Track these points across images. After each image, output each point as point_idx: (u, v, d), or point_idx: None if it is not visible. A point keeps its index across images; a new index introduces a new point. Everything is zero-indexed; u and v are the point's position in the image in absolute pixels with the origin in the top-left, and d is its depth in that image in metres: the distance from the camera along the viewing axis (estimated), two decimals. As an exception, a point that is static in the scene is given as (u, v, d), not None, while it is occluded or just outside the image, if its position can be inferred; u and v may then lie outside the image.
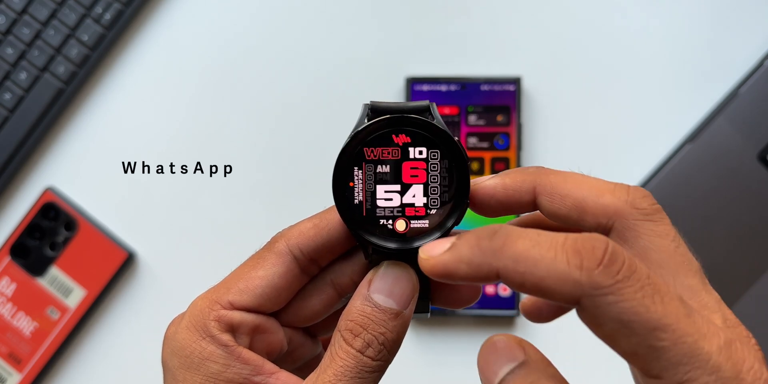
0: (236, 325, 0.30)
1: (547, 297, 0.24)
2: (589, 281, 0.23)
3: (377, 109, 0.30)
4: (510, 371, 0.25)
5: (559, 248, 0.24)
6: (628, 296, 0.23)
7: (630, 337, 0.23)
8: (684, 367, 0.23)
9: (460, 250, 0.25)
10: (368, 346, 0.28)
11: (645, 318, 0.23)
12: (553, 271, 0.23)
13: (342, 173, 0.29)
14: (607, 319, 0.23)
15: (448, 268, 0.25)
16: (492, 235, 0.25)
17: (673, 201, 0.61)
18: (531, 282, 0.24)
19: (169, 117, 0.66)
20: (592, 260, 0.23)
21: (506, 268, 0.24)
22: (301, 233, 0.31)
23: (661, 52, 0.64)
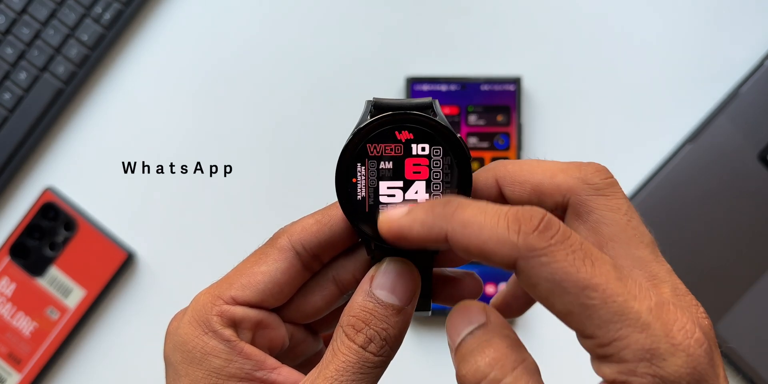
0: (238, 320, 0.30)
1: (488, 260, 0.25)
2: (524, 244, 0.25)
3: (380, 106, 0.30)
4: (470, 332, 0.27)
5: (502, 216, 0.25)
6: (560, 258, 0.25)
7: (563, 296, 0.24)
8: (615, 324, 0.24)
9: (416, 213, 0.27)
10: (370, 341, 0.28)
11: (575, 278, 0.24)
12: (494, 235, 0.25)
13: (345, 169, 0.29)
14: (541, 279, 0.25)
15: (403, 229, 0.27)
16: (445, 203, 0.26)
17: (673, 201, 0.61)
18: (475, 245, 0.25)
19: (169, 117, 0.66)
20: (529, 226, 0.25)
21: (454, 231, 0.26)
22: (304, 229, 0.31)
23: (662, 52, 0.64)
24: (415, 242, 0.27)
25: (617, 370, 0.24)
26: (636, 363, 0.24)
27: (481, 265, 0.64)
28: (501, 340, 0.27)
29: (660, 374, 0.24)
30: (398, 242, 0.27)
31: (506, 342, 0.27)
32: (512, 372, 0.26)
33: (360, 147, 0.29)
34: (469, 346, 0.27)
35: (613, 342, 0.24)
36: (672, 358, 0.24)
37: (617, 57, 0.64)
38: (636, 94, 0.64)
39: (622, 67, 0.64)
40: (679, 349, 0.24)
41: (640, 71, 0.64)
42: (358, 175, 0.30)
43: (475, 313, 0.27)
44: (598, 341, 0.25)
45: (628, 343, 0.24)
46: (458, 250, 0.26)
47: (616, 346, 0.24)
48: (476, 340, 0.27)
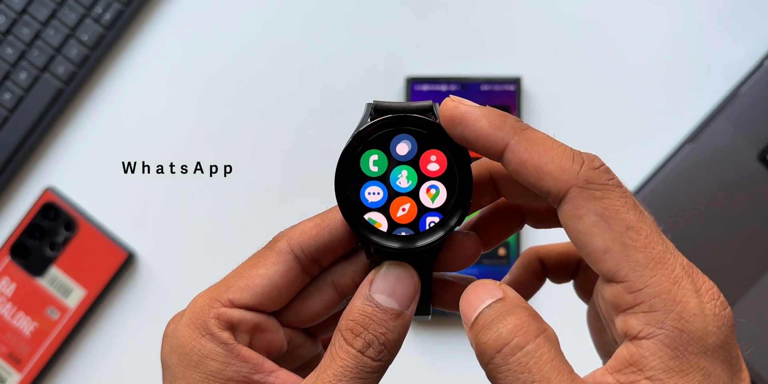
0: (236, 323, 0.30)
1: (540, 180, 0.26)
2: (585, 175, 0.26)
3: (380, 109, 0.29)
4: (488, 305, 0.27)
5: (568, 149, 0.27)
6: (613, 196, 0.26)
7: (606, 231, 0.25)
8: (650, 270, 0.25)
9: (490, 111, 0.27)
10: (369, 346, 0.28)
11: (623, 217, 0.25)
12: (558, 160, 0.26)
13: (344, 172, 0.29)
14: (589, 211, 0.25)
15: (470, 115, 0.27)
16: (519, 120, 0.27)
17: (673, 201, 0.61)
18: (534, 162, 0.26)
19: (169, 117, 0.66)
20: (592, 164, 0.26)
21: (519, 143, 0.27)
22: (303, 232, 0.30)
23: (662, 52, 0.64)
24: (470, 136, 0.27)
25: (645, 320, 0.25)
26: (665, 314, 0.24)
27: (480, 267, 0.64)
28: (521, 310, 0.27)
29: (688, 329, 0.24)
30: (453, 127, 0.27)
31: (527, 312, 0.27)
32: (535, 339, 0.26)
33: (359, 150, 0.29)
34: (488, 316, 0.27)
35: (645, 288, 0.25)
36: (701, 315, 0.24)
37: (617, 57, 0.64)
38: (636, 94, 0.64)
39: (621, 67, 0.64)
40: (707, 308, 0.25)
41: (640, 71, 0.64)
42: None
43: (492, 289, 0.28)
44: (630, 285, 0.25)
45: (660, 291, 0.24)
46: (512, 163, 0.26)
47: (648, 293, 0.25)
48: (495, 311, 0.27)
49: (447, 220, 0.29)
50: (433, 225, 0.29)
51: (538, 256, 0.36)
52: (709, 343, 0.24)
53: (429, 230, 0.29)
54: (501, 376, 0.26)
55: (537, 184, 0.26)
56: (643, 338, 0.25)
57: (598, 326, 0.35)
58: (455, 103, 0.28)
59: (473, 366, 0.26)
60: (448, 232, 0.29)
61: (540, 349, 0.25)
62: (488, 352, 0.26)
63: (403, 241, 0.29)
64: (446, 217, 0.29)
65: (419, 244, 0.29)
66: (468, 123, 0.27)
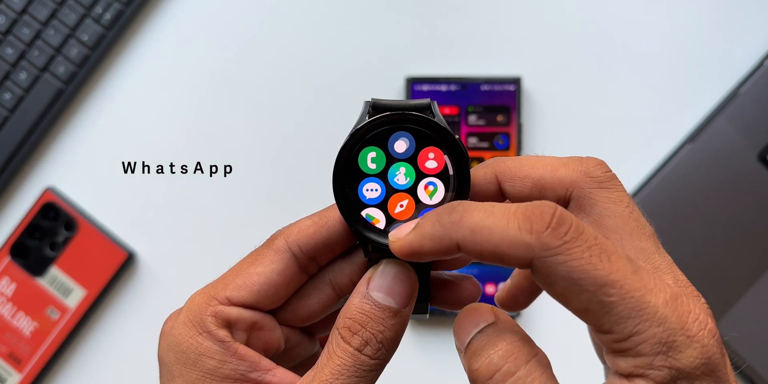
0: (233, 321, 0.30)
1: (503, 262, 0.25)
2: (538, 243, 0.24)
3: (378, 107, 0.30)
4: (480, 330, 0.27)
5: (511, 216, 0.25)
6: (576, 255, 0.24)
7: (580, 294, 0.24)
8: (633, 320, 0.24)
9: (423, 228, 0.26)
10: (366, 344, 0.28)
11: (593, 275, 0.24)
12: (506, 237, 0.25)
13: (342, 171, 0.29)
14: (557, 278, 0.25)
15: (413, 246, 0.27)
16: (451, 211, 0.26)
17: (673, 201, 0.61)
18: (487, 250, 0.25)
19: (169, 117, 0.66)
20: (540, 224, 0.25)
21: (465, 239, 0.25)
22: (301, 230, 0.30)
23: (661, 52, 0.64)
24: (430, 256, 0.27)
25: (634, 363, 0.25)
26: (653, 356, 0.24)
27: (480, 266, 0.64)
28: (512, 335, 0.27)
29: (676, 366, 0.24)
30: (414, 259, 0.27)
31: (517, 336, 0.27)
32: (526, 365, 0.26)
33: (357, 147, 0.29)
34: (480, 342, 0.27)
35: (631, 337, 0.24)
36: (688, 350, 0.24)
37: (617, 57, 0.64)
38: (636, 94, 0.64)
39: (621, 67, 0.64)
40: (694, 341, 0.25)
41: (640, 71, 0.64)
42: None
43: (484, 313, 0.28)
44: (616, 337, 0.25)
45: (646, 337, 0.24)
46: (473, 256, 0.26)
47: (634, 341, 0.24)
48: (487, 336, 0.27)
49: None
50: None
51: None
52: (698, 374, 0.25)
53: None
54: None
55: (504, 265, 0.26)
56: (634, 377, 0.25)
57: None
58: (398, 243, 0.27)
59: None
60: None
61: (531, 375, 0.26)
62: (480, 378, 0.26)
63: None
64: None
65: None
66: (417, 252, 0.27)
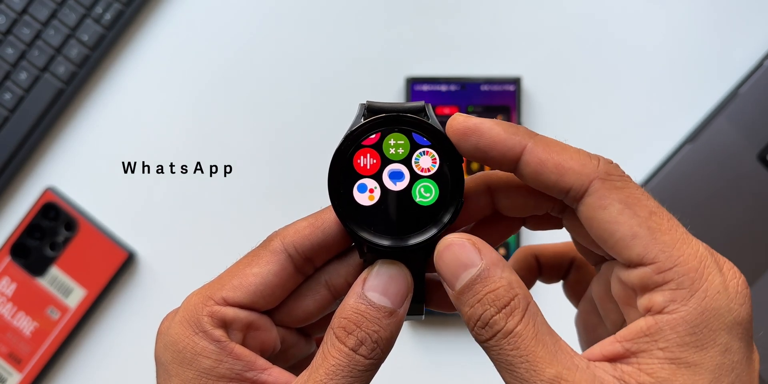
0: (229, 321, 0.30)
1: (562, 177, 0.27)
2: (605, 168, 0.27)
3: (373, 109, 0.30)
4: (472, 276, 0.28)
5: (582, 150, 0.28)
6: (632, 186, 0.27)
7: (632, 218, 0.26)
8: (677, 250, 0.26)
9: (501, 121, 0.28)
10: (361, 344, 0.28)
11: (645, 203, 0.27)
12: (576, 157, 0.27)
13: (337, 172, 0.29)
14: (614, 200, 0.27)
15: (482, 124, 0.28)
16: (525, 127, 0.28)
17: (673, 201, 0.61)
18: (555, 160, 0.27)
19: (169, 117, 0.66)
20: (606, 159, 0.28)
21: (536, 144, 0.28)
22: (297, 231, 0.30)
23: (662, 53, 0.64)
24: (485, 143, 0.28)
25: (671, 297, 0.26)
26: (692, 292, 0.25)
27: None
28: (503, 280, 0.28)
29: (712, 306, 0.25)
30: (466, 138, 0.28)
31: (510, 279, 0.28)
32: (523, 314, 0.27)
33: (352, 149, 0.29)
34: (474, 292, 0.28)
35: (675, 267, 0.26)
36: (725, 293, 0.25)
37: (617, 57, 0.64)
38: (636, 94, 0.64)
39: (621, 67, 0.64)
40: (731, 286, 0.26)
41: (640, 71, 0.64)
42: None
43: (472, 255, 0.28)
44: (660, 265, 0.26)
45: (688, 269, 0.26)
46: (531, 164, 0.27)
47: (677, 272, 0.26)
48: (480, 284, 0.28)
49: (439, 218, 0.29)
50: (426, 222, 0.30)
51: (533, 253, 0.36)
52: (731, 319, 0.25)
53: (422, 229, 0.30)
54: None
55: (558, 181, 0.27)
56: (665, 313, 0.26)
57: (591, 322, 0.35)
58: (464, 117, 0.28)
59: (473, 366, 0.26)
60: (440, 230, 0.29)
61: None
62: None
63: (395, 239, 0.29)
64: (439, 215, 0.29)
65: (412, 242, 0.29)
66: (482, 132, 0.28)
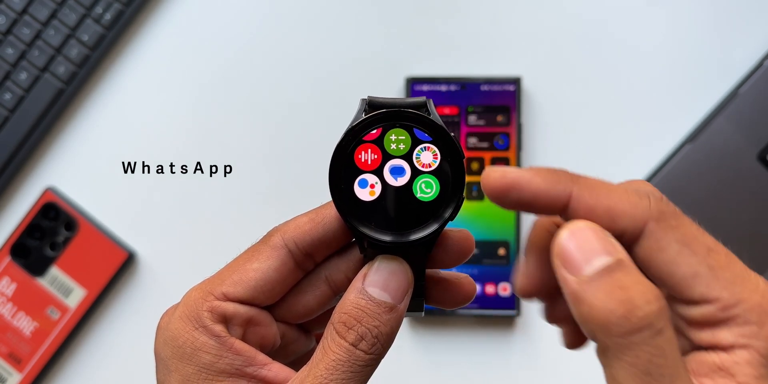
0: (229, 316, 0.30)
1: (615, 221, 0.26)
2: (657, 207, 0.26)
3: (374, 104, 0.30)
4: (604, 266, 0.25)
5: (629, 188, 0.27)
6: (686, 223, 0.26)
7: (690, 257, 0.26)
8: (739, 287, 0.25)
9: (540, 169, 0.27)
10: (362, 339, 0.28)
11: (701, 241, 0.26)
12: (625, 198, 0.26)
13: (338, 167, 0.29)
14: (671, 241, 0.26)
15: (521, 178, 0.26)
16: (568, 171, 0.27)
17: (673, 201, 0.61)
18: (604, 205, 0.26)
19: (169, 117, 0.66)
20: (656, 195, 0.27)
21: (582, 190, 0.26)
22: (297, 227, 0.31)
23: (662, 52, 0.64)
24: (528, 197, 0.26)
25: (739, 332, 0.25)
26: (760, 326, 0.25)
27: (479, 266, 0.64)
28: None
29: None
30: (507, 194, 0.26)
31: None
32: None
33: (353, 145, 0.29)
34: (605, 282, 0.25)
35: (739, 303, 0.25)
36: None
37: (617, 57, 0.64)
38: (636, 94, 0.64)
39: (621, 67, 0.64)
40: None
41: (640, 71, 0.64)
42: None
43: (606, 244, 0.26)
44: (723, 303, 0.25)
45: (753, 305, 0.25)
46: (580, 210, 0.26)
47: (742, 307, 0.25)
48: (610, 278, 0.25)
49: (440, 213, 0.29)
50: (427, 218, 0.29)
51: None
52: None
53: (422, 224, 0.29)
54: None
55: (611, 226, 0.26)
56: (737, 348, 0.25)
57: None
58: (500, 172, 0.27)
59: (473, 366, 0.26)
60: (441, 226, 0.29)
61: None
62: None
63: (396, 234, 0.29)
64: (439, 211, 0.29)
65: (413, 237, 0.29)
66: (522, 187, 0.26)
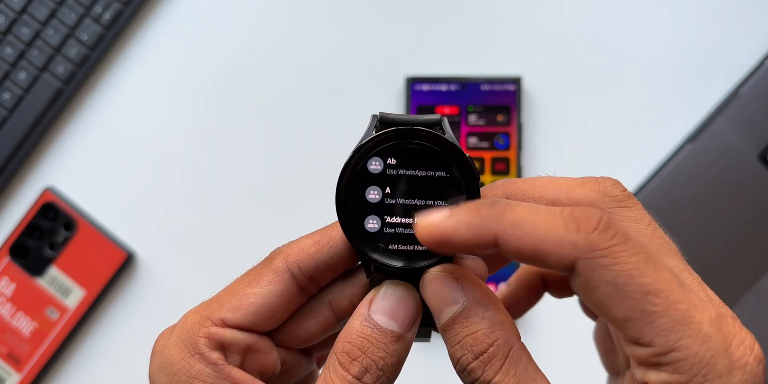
0: (227, 343, 0.28)
1: (543, 261, 0.24)
2: (586, 243, 0.23)
3: (386, 121, 0.28)
4: (455, 312, 0.26)
5: (557, 215, 0.24)
6: (623, 259, 0.23)
7: (623, 301, 0.23)
8: (675, 334, 0.23)
9: (461, 215, 0.25)
10: (366, 371, 0.27)
11: (639, 282, 0.23)
12: (551, 234, 0.24)
13: (346, 187, 0.28)
14: (601, 282, 0.23)
15: (447, 231, 0.25)
16: (492, 203, 0.25)
17: (674, 201, 0.61)
18: (529, 245, 0.24)
19: (168, 117, 0.66)
20: (588, 225, 0.24)
21: (505, 232, 0.24)
22: (301, 250, 0.29)
23: (662, 52, 0.64)
24: (461, 247, 0.25)
25: (668, 379, 0.24)
26: (691, 376, 0.23)
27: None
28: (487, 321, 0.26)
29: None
30: (440, 248, 0.25)
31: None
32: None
33: (363, 163, 0.28)
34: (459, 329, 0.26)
35: (672, 352, 0.23)
36: (728, 376, 0.23)
37: (618, 57, 0.64)
38: (636, 93, 0.64)
39: (622, 66, 0.64)
40: (736, 367, 0.23)
41: (641, 71, 0.64)
42: None
43: (455, 292, 0.27)
44: (655, 350, 0.24)
45: (687, 354, 0.23)
46: (509, 252, 0.24)
47: (674, 357, 0.23)
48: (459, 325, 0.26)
49: None
50: None
51: (538, 271, 0.34)
52: None
53: None
54: None
55: (543, 265, 0.24)
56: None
57: (607, 346, 0.34)
58: (426, 227, 0.25)
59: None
60: None
61: None
62: None
63: (405, 260, 0.28)
64: None
65: (423, 263, 0.28)
66: (450, 239, 0.25)
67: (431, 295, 0.27)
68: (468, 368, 0.26)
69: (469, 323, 0.26)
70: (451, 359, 0.26)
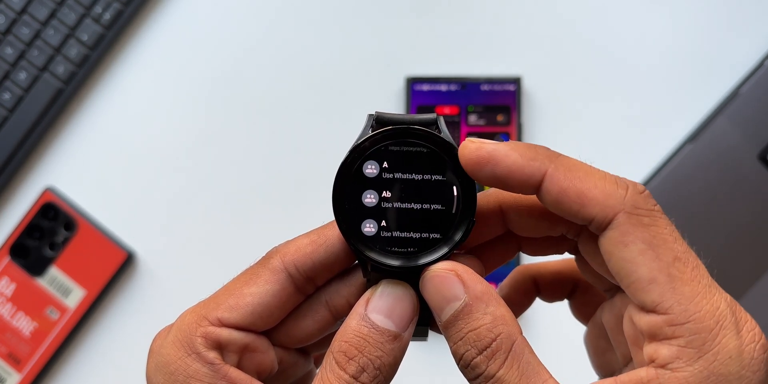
0: (224, 343, 0.28)
1: (582, 208, 0.25)
2: (632, 200, 0.25)
3: (382, 120, 0.28)
4: (456, 309, 0.26)
5: (609, 175, 0.26)
6: (661, 224, 0.25)
7: (653, 261, 0.24)
8: (695, 305, 0.24)
9: (518, 144, 0.26)
10: (363, 370, 0.27)
11: (671, 247, 0.24)
12: (601, 185, 0.25)
13: (342, 187, 0.28)
14: (637, 239, 0.24)
15: (497, 151, 0.25)
16: (549, 149, 0.26)
17: (674, 201, 0.61)
18: (576, 189, 0.25)
19: (168, 117, 0.66)
20: (636, 188, 0.25)
21: (557, 170, 0.25)
22: (298, 249, 0.29)
23: (662, 53, 0.64)
24: (502, 172, 0.25)
25: (678, 354, 0.24)
26: (701, 353, 0.24)
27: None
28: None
29: (721, 372, 0.24)
30: (480, 169, 0.26)
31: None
32: None
33: (359, 163, 0.28)
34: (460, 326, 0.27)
35: (688, 323, 0.24)
36: (738, 359, 0.24)
37: (617, 57, 0.64)
38: (636, 93, 0.64)
39: (622, 67, 0.64)
40: (746, 351, 0.24)
41: (640, 71, 0.64)
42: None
43: (455, 288, 0.27)
44: (672, 318, 0.24)
45: (702, 328, 0.24)
46: (552, 192, 0.25)
47: (689, 329, 0.24)
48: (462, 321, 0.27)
49: (450, 236, 0.28)
50: (436, 241, 0.28)
51: (530, 275, 0.34)
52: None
53: (431, 248, 0.28)
54: None
55: (580, 211, 0.25)
56: (668, 370, 0.24)
57: (601, 346, 0.34)
58: (477, 143, 0.26)
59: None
60: (451, 250, 0.28)
61: None
62: None
63: (403, 258, 0.28)
64: (450, 234, 0.28)
65: (421, 262, 0.28)
66: (498, 160, 0.25)
67: (432, 293, 0.27)
68: (472, 363, 0.26)
69: (472, 319, 0.26)
70: (454, 355, 0.27)
